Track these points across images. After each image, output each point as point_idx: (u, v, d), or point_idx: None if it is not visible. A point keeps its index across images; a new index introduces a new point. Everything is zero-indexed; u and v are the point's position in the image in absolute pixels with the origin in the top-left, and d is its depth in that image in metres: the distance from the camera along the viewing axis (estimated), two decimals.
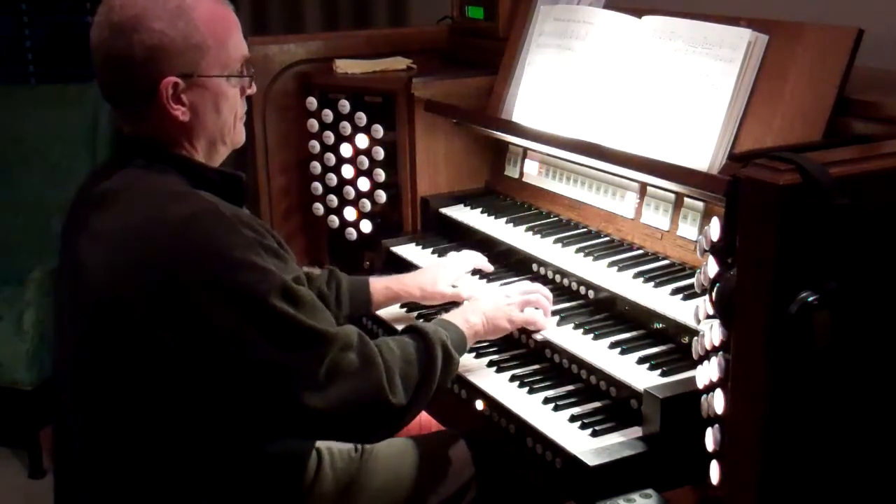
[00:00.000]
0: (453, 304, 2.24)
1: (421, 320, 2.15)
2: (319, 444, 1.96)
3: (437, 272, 2.27)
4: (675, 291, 1.98)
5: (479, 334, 2.00)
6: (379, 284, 2.26)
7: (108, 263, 1.64)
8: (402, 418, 1.75)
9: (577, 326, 2.04)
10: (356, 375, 1.67)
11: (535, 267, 2.28)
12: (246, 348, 1.59)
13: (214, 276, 1.59)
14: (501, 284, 2.28)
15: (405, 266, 2.47)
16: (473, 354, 2.10)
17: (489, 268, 2.35)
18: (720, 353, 1.50)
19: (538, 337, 2.05)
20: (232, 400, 1.64)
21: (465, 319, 1.97)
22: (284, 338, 1.61)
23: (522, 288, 2.11)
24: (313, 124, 2.75)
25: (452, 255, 2.38)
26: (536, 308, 2.06)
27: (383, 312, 2.32)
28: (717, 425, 1.52)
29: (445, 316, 1.99)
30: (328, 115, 2.71)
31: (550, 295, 2.11)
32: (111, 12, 1.69)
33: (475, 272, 2.36)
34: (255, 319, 1.59)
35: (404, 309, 2.35)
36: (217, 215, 1.63)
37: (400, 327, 1.97)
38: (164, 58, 1.68)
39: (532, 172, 2.56)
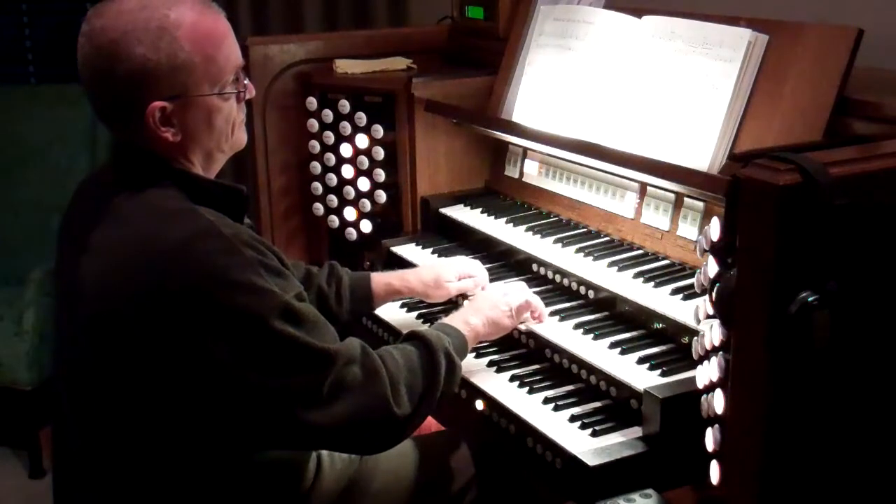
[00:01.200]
0: (453, 304, 2.25)
1: (424, 324, 2.14)
2: None
3: (441, 270, 2.25)
4: (675, 291, 1.98)
5: (481, 335, 1.99)
6: (381, 280, 2.25)
7: (106, 279, 1.62)
8: (406, 429, 1.74)
9: (577, 326, 2.04)
10: (360, 389, 1.65)
11: (535, 267, 2.28)
12: (246, 370, 1.57)
13: (214, 298, 1.56)
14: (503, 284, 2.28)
15: (405, 266, 2.46)
16: (473, 354, 2.09)
17: (485, 280, 2.28)
18: (720, 353, 1.50)
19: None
20: (232, 418, 1.63)
21: (466, 322, 1.95)
22: (286, 359, 1.59)
23: (518, 287, 2.11)
24: (313, 124, 2.75)
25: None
26: (533, 309, 2.06)
27: (385, 315, 2.32)
28: (717, 425, 1.52)
29: (445, 320, 1.97)
30: (328, 115, 2.71)
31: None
32: (93, 35, 1.63)
33: None
34: (255, 342, 1.57)
35: (404, 308, 2.36)
36: (217, 235, 1.59)
37: (402, 329, 1.96)
38: (148, 83, 1.61)
39: (532, 172, 2.56)
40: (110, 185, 1.71)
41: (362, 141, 2.66)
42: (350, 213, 2.74)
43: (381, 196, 2.68)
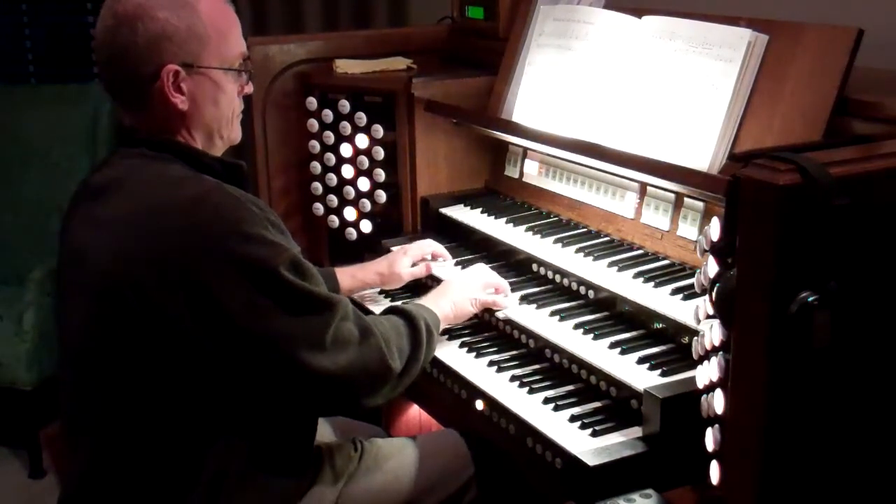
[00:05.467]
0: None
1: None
2: (319, 442, 1.97)
3: (395, 257, 2.37)
4: (675, 291, 1.98)
5: (449, 319, 2.09)
6: (345, 274, 2.35)
7: (116, 250, 1.66)
8: (398, 385, 1.83)
9: (577, 326, 2.04)
10: (358, 343, 1.74)
11: (535, 267, 2.27)
12: (260, 317, 1.64)
13: (227, 250, 1.63)
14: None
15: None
16: (473, 354, 2.10)
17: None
18: (720, 353, 1.50)
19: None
20: (244, 371, 1.67)
21: (437, 304, 2.06)
22: (295, 305, 1.67)
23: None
24: (313, 124, 2.75)
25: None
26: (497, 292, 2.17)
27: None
28: (717, 425, 1.52)
29: (417, 301, 2.07)
30: (328, 115, 2.71)
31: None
32: (116, 3, 1.74)
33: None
34: (267, 290, 1.64)
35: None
36: (223, 193, 1.68)
37: (375, 308, 2.11)
38: (166, 45, 1.72)
39: (532, 172, 2.56)
40: (113, 165, 1.78)
41: (362, 141, 2.66)
42: (350, 213, 2.74)
43: (381, 196, 2.68)
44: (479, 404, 1.98)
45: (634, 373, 1.85)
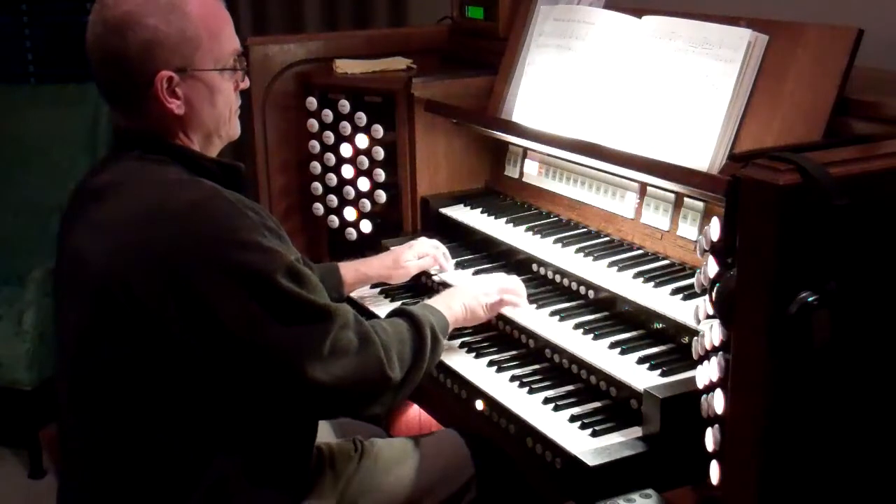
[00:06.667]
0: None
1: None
2: (319, 443, 1.97)
3: (400, 251, 2.37)
4: (675, 291, 1.98)
5: (459, 321, 2.05)
6: (349, 268, 2.35)
7: (112, 253, 1.65)
8: (398, 394, 1.80)
9: (577, 326, 2.04)
10: (356, 352, 1.71)
11: (535, 267, 2.28)
12: (254, 327, 1.62)
13: (221, 257, 1.61)
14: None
15: None
16: (473, 354, 2.10)
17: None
18: (720, 353, 1.50)
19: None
20: (238, 379, 1.66)
21: (448, 306, 2.02)
22: (291, 314, 1.64)
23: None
24: (313, 124, 2.75)
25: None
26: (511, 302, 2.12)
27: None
28: (717, 425, 1.52)
29: (428, 302, 2.04)
30: (328, 115, 2.71)
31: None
32: (104, 9, 1.71)
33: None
34: (262, 298, 1.62)
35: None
36: (221, 199, 1.66)
37: (376, 309, 2.06)
38: (158, 52, 1.70)
39: (532, 172, 2.56)
40: (110, 168, 1.77)
41: (362, 141, 2.67)
42: (350, 213, 2.74)
43: (381, 196, 2.68)
44: (479, 404, 1.98)
45: (634, 373, 1.85)
